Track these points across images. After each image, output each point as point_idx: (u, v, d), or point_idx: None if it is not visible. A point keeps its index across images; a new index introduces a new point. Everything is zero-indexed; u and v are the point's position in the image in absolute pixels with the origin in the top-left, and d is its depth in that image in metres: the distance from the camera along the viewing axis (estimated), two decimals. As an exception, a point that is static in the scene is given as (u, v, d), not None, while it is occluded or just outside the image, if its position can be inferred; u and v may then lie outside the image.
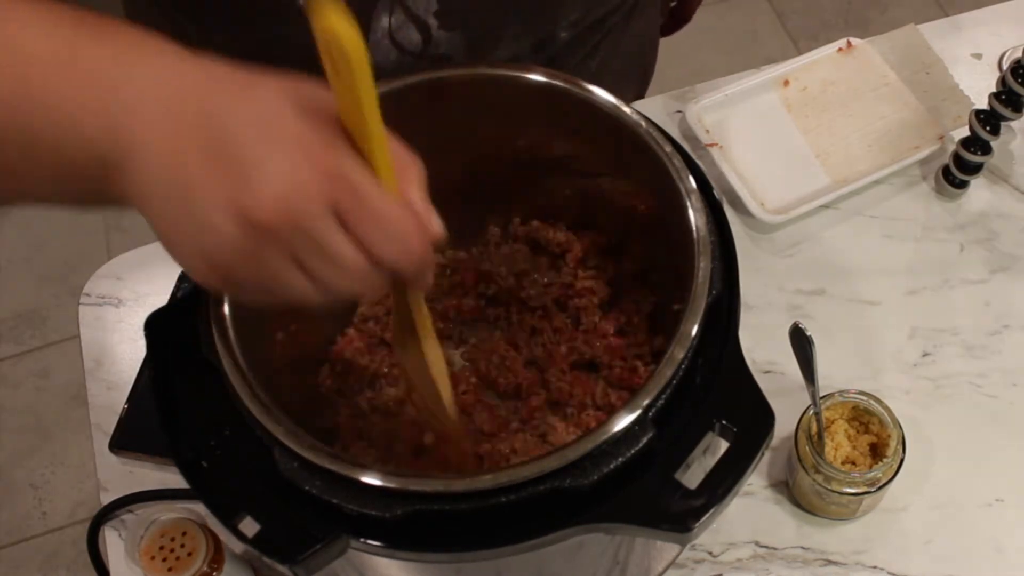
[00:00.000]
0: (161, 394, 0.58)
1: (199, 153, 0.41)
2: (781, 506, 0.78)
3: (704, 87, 0.97)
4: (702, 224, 0.60)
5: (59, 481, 1.65)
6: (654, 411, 0.54)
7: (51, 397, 1.72)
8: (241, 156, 0.41)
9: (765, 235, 0.90)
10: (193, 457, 0.55)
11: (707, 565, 0.76)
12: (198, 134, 0.41)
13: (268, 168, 0.40)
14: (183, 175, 0.41)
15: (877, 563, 0.75)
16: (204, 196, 0.41)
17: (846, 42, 0.98)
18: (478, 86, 0.67)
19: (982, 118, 0.86)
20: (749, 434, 0.54)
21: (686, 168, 0.62)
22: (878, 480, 0.72)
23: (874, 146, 0.92)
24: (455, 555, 0.54)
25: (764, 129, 0.94)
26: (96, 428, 0.82)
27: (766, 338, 0.81)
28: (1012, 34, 1.00)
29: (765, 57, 1.97)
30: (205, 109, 0.42)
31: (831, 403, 0.74)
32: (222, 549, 0.72)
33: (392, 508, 0.52)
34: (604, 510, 0.53)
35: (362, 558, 0.57)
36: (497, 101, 0.67)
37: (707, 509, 0.52)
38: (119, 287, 0.90)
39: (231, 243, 0.41)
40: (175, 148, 0.41)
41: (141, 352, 0.78)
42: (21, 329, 1.79)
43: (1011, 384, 0.82)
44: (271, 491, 0.54)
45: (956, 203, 0.91)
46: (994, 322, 0.85)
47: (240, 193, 0.40)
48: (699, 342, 0.56)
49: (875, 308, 0.86)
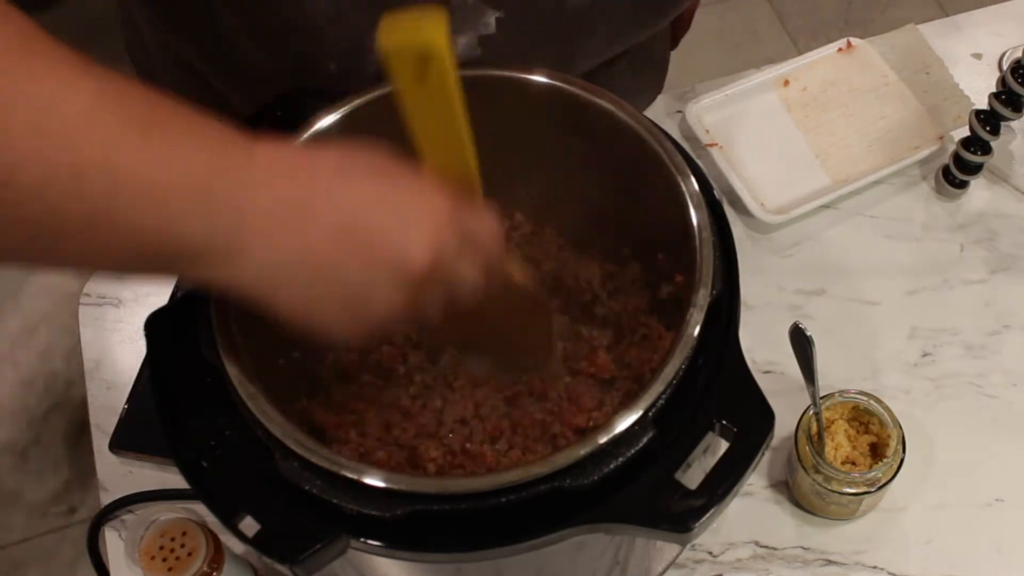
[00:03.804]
0: (161, 394, 0.58)
1: (329, 242, 0.45)
2: (781, 506, 0.78)
3: (704, 87, 0.97)
4: (702, 224, 0.60)
5: (59, 481, 1.65)
6: (654, 411, 0.54)
7: (51, 397, 1.72)
8: (383, 232, 0.46)
9: (765, 235, 0.90)
10: (193, 457, 0.55)
11: (707, 565, 0.76)
12: (322, 222, 0.45)
13: (412, 235, 0.46)
14: (324, 260, 0.46)
15: (877, 563, 0.75)
16: (359, 276, 0.46)
17: (846, 42, 0.98)
18: (480, 86, 0.67)
19: (982, 118, 0.86)
20: (749, 434, 0.54)
21: (686, 168, 0.62)
22: (878, 480, 0.72)
23: (874, 146, 0.92)
24: (455, 555, 0.54)
25: (764, 129, 0.94)
26: (96, 428, 0.82)
27: (766, 338, 0.81)
28: (1012, 34, 1.00)
29: (765, 57, 1.97)
30: (326, 203, 0.45)
31: (831, 403, 0.74)
32: (222, 549, 0.72)
33: (392, 508, 0.52)
34: (604, 510, 0.53)
35: (362, 558, 0.57)
36: (498, 101, 0.67)
37: (707, 509, 0.52)
38: (119, 287, 0.90)
39: (401, 303, 0.48)
40: (304, 244, 0.45)
41: (141, 352, 0.78)
42: (21, 329, 1.79)
43: (1011, 384, 0.82)
44: (271, 491, 0.54)
45: (956, 203, 0.91)
46: (994, 322, 0.85)
47: (400, 263, 0.46)
48: (699, 342, 0.56)
49: (875, 308, 0.86)
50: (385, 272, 0.47)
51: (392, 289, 0.47)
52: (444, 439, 0.70)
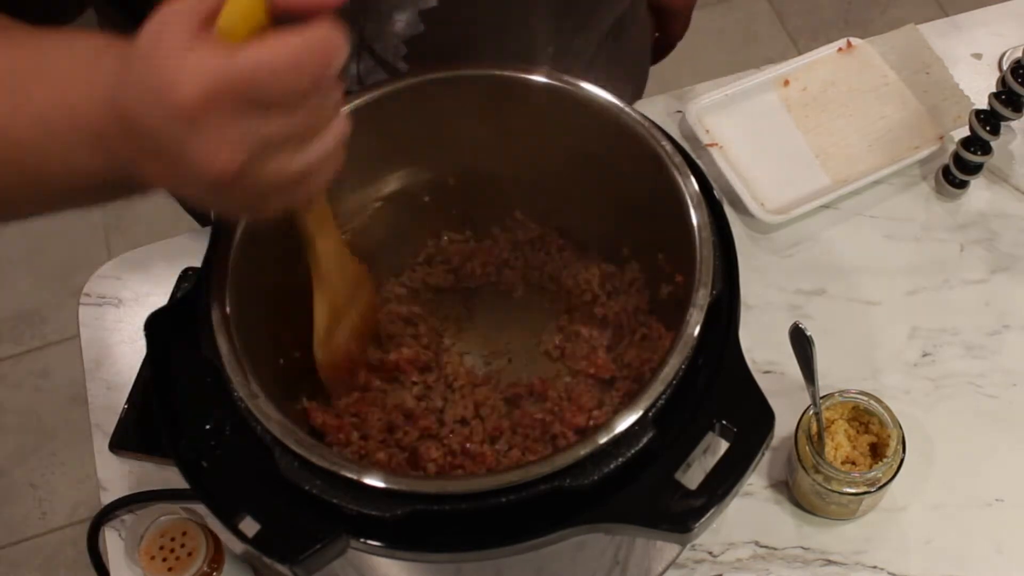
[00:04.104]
0: (161, 394, 0.58)
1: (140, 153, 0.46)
2: (781, 506, 0.78)
3: (704, 87, 0.97)
4: (702, 224, 0.60)
5: (59, 481, 1.65)
6: (654, 411, 0.54)
7: (51, 397, 1.72)
8: (168, 150, 0.44)
9: (765, 235, 0.90)
10: (193, 457, 0.55)
11: (707, 565, 0.76)
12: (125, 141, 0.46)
13: (193, 152, 0.43)
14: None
15: (877, 563, 0.75)
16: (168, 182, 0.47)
17: (846, 42, 0.98)
18: (481, 86, 0.67)
19: (982, 118, 0.86)
20: (749, 434, 0.54)
21: (686, 168, 0.63)
22: (878, 480, 0.72)
23: (874, 146, 0.92)
24: (455, 555, 0.54)
25: (764, 129, 0.94)
26: (96, 428, 0.82)
27: (766, 338, 0.81)
28: (1012, 34, 1.00)
29: (765, 57, 1.97)
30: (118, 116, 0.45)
31: (831, 403, 0.74)
32: (222, 549, 0.72)
33: (392, 508, 0.52)
34: (604, 510, 0.53)
35: (362, 558, 0.57)
36: (498, 101, 0.67)
37: (707, 509, 0.52)
38: (119, 287, 0.90)
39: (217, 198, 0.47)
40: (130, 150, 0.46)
41: (141, 352, 0.78)
42: (21, 329, 1.79)
43: (1011, 384, 0.82)
44: (271, 491, 0.54)
45: (956, 203, 0.91)
46: (994, 322, 0.85)
47: (189, 178, 0.45)
48: (699, 342, 0.56)
49: (875, 308, 0.86)
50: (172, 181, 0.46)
51: (209, 192, 0.46)
52: (444, 439, 0.70)
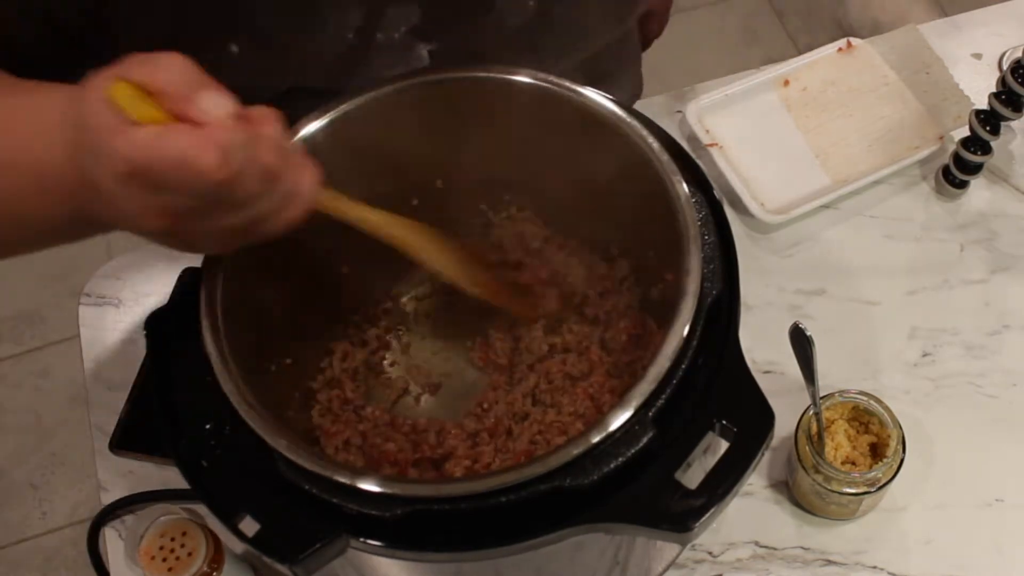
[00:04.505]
0: (161, 394, 0.58)
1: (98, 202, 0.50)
2: (781, 506, 0.78)
3: (704, 87, 0.97)
4: (702, 224, 0.60)
5: (59, 481, 1.65)
6: (654, 411, 0.54)
7: (51, 397, 1.72)
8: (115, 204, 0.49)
9: (765, 235, 0.90)
10: (193, 457, 0.55)
11: (707, 565, 0.76)
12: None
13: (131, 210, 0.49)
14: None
15: (877, 563, 0.75)
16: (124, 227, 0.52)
17: (846, 42, 0.98)
18: (474, 89, 0.67)
19: (982, 118, 0.86)
20: (749, 434, 0.54)
21: (686, 168, 0.62)
22: (878, 480, 0.72)
23: (874, 146, 0.92)
24: (455, 555, 0.54)
25: (764, 129, 0.94)
26: (96, 428, 0.82)
27: (766, 338, 0.81)
28: (1012, 34, 1.00)
29: (765, 57, 1.97)
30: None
31: (831, 403, 0.74)
32: (222, 549, 0.72)
33: (392, 508, 0.52)
34: (604, 510, 0.53)
35: (362, 558, 0.57)
36: (492, 103, 0.67)
37: (707, 509, 0.52)
38: (119, 287, 0.90)
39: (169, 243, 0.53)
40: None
41: (141, 352, 0.77)
42: (21, 329, 1.79)
43: (1011, 384, 0.82)
44: (271, 491, 0.54)
45: (956, 203, 0.91)
46: (994, 322, 0.85)
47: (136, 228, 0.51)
48: (699, 342, 0.56)
49: (875, 308, 0.86)
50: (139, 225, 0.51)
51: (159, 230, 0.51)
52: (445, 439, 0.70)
